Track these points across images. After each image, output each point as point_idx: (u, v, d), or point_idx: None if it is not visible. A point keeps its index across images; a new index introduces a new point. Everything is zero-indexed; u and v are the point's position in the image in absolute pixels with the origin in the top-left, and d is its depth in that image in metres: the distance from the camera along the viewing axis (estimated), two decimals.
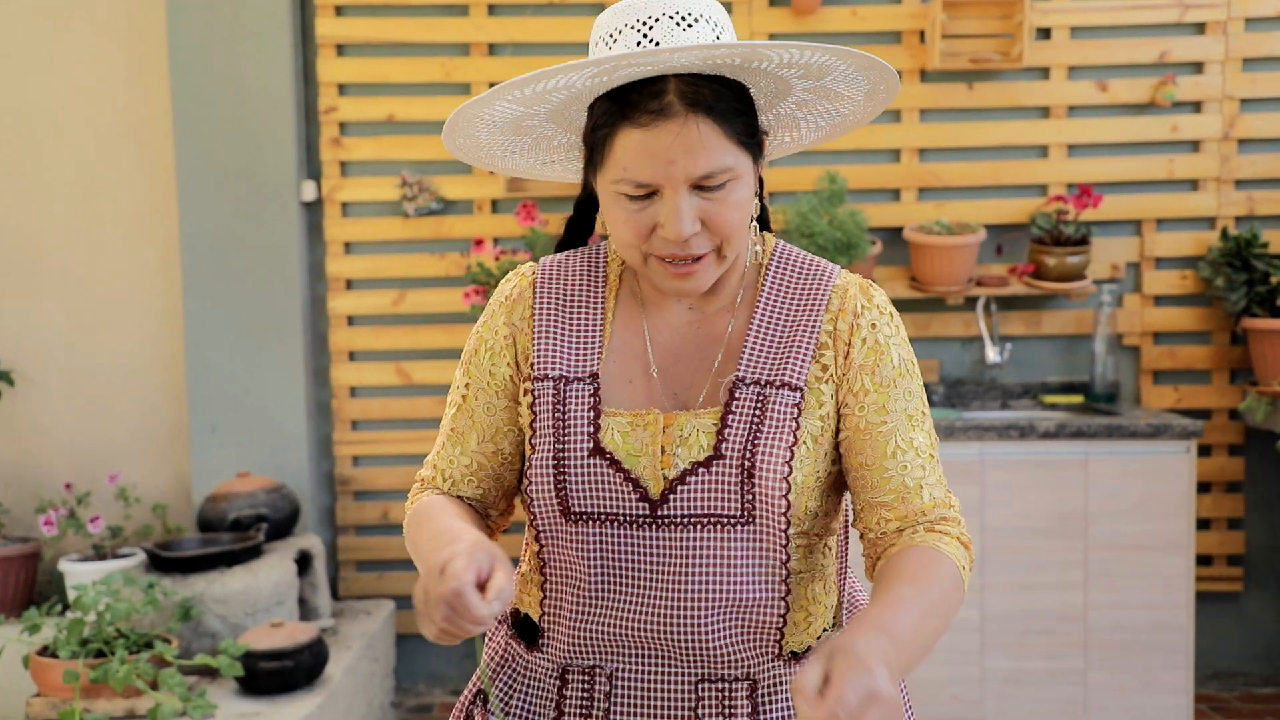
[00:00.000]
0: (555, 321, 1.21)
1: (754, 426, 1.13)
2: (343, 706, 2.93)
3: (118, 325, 3.68)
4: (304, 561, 3.25)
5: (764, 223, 1.28)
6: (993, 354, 3.54)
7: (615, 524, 1.14)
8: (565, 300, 1.23)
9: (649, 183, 1.09)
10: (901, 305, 3.63)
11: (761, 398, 1.14)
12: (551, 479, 1.14)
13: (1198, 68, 3.54)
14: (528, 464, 1.18)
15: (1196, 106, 3.55)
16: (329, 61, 3.57)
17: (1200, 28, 3.53)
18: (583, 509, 1.14)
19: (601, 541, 1.14)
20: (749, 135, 1.13)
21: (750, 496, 1.11)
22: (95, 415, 3.68)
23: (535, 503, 1.16)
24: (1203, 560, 3.62)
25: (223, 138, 3.49)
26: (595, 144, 1.14)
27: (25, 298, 3.67)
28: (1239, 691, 3.63)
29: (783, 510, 1.11)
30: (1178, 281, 3.61)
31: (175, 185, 3.53)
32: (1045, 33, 3.55)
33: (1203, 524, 3.62)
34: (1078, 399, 3.57)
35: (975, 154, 3.60)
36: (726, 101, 1.10)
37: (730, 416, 1.14)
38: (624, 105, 1.09)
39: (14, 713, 2.94)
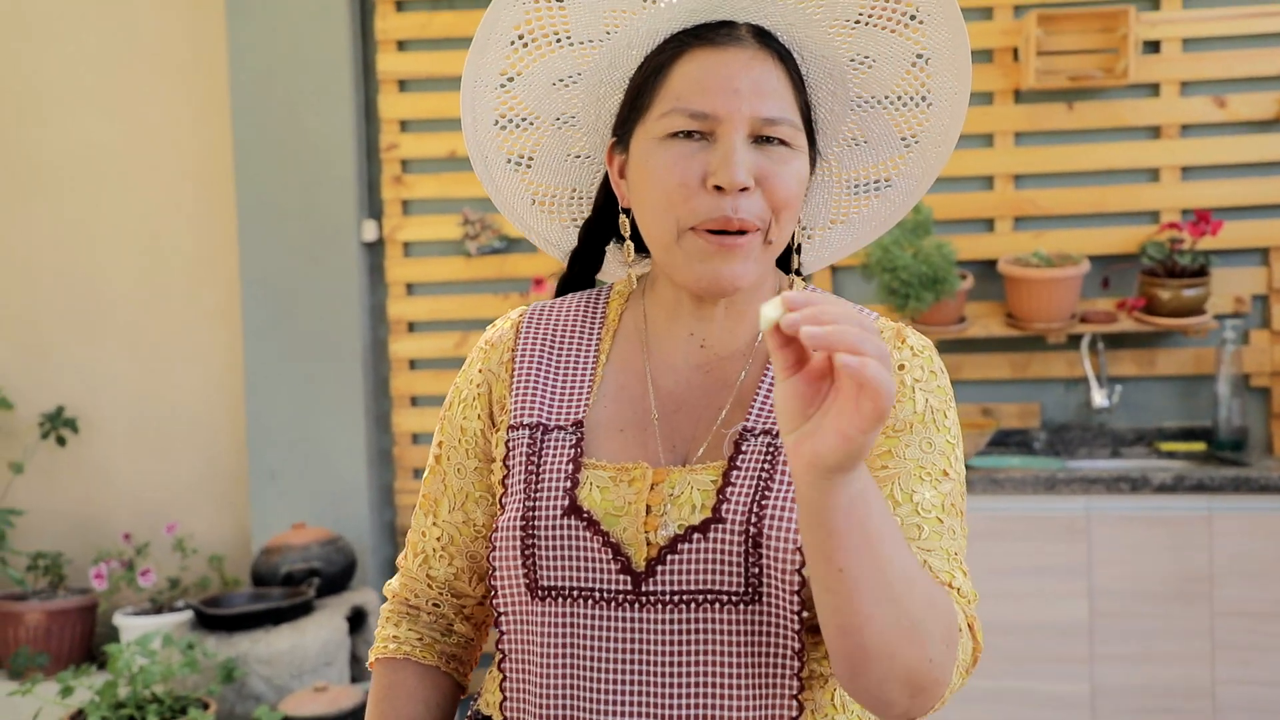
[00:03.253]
0: (539, 364, 1.04)
1: (761, 484, 0.93)
2: None
3: (181, 371, 3.62)
4: (358, 619, 3.11)
5: (791, 266, 1.10)
6: (1100, 397, 3.22)
7: (590, 602, 0.94)
8: (553, 341, 1.06)
9: (707, 113, 0.95)
10: (998, 344, 3.34)
11: (771, 450, 0.95)
12: (518, 544, 0.96)
13: None
14: (495, 528, 1.00)
15: None
16: (390, 97, 3.47)
17: None
18: (553, 582, 0.95)
19: (573, 626, 0.95)
20: (807, 115, 1.00)
21: (756, 569, 0.91)
22: (158, 463, 3.61)
23: (499, 574, 0.98)
24: None
25: (283, 178, 3.41)
26: (644, 84, 1.00)
27: (90, 344, 3.64)
28: None
29: (794, 587, 0.90)
30: None
31: (236, 229, 3.46)
32: (1154, 46, 3.25)
33: None
34: (1199, 446, 3.22)
35: (1077, 179, 3.31)
36: (793, 66, 1.01)
37: (734, 473, 0.94)
38: (691, 34, 0.99)
39: None
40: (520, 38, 1.03)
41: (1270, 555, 2.80)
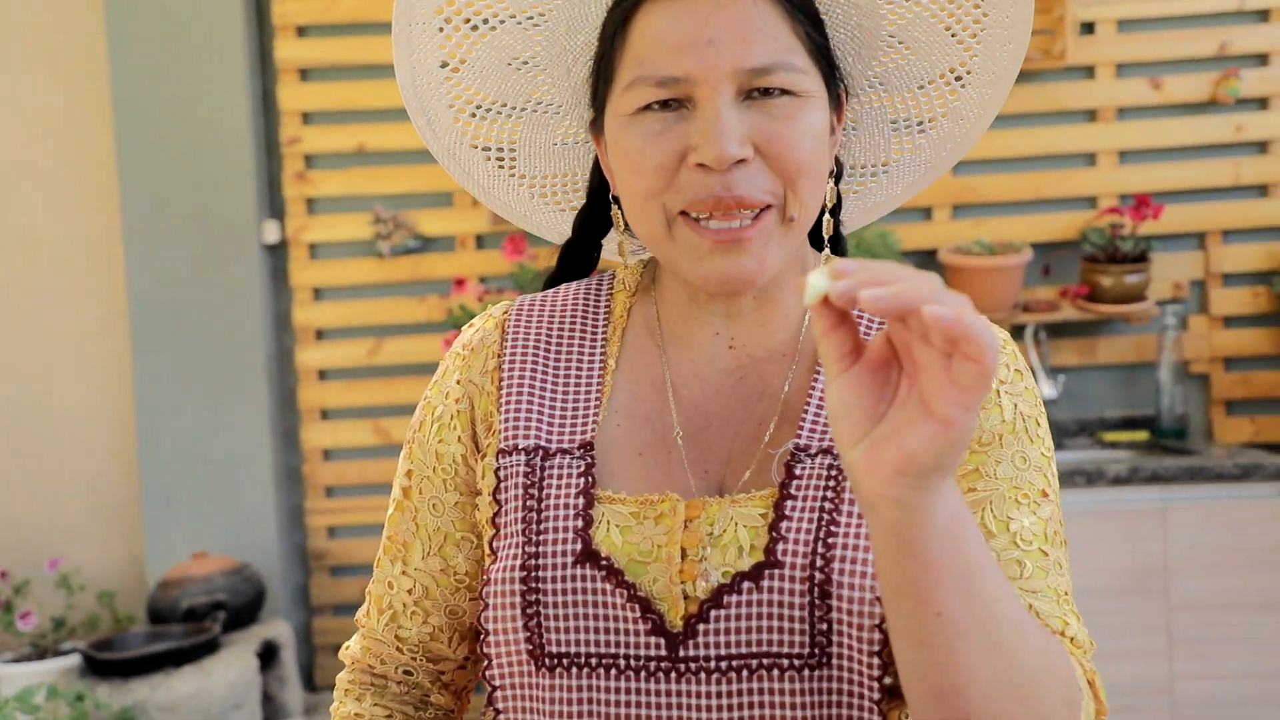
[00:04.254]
0: (534, 373, 0.84)
1: (825, 516, 0.75)
2: None
3: (61, 388, 3.30)
4: (269, 654, 2.85)
5: (837, 246, 0.89)
6: (1047, 388, 3.14)
7: (613, 673, 0.75)
8: (549, 343, 0.86)
9: (678, 76, 0.75)
10: None
11: (834, 474, 0.76)
12: (518, 601, 0.76)
13: (1262, 60, 3.16)
14: (485, 579, 0.79)
15: (1262, 103, 3.17)
16: (291, 88, 3.21)
17: (1263, 15, 3.15)
18: (563, 648, 0.76)
19: (591, 703, 0.75)
20: (822, 47, 0.79)
21: (824, 625, 0.73)
22: (36, 491, 3.28)
23: (493, 639, 0.78)
24: None
25: (173, 175, 3.13)
26: (605, 50, 0.81)
27: None
28: None
29: (874, 646, 0.72)
30: (1249, 300, 3.21)
31: (121, 231, 3.16)
32: (1089, 27, 3.17)
33: None
34: (1142, 435, 3.16)
35: (1015, 165, 3.22)
36: None
37: (789, 503, 0.75)
38: None
39: None
40: (451, 20, 0.85)
41: (1225, 546, 2.74)
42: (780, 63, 0.75)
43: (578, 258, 0.93)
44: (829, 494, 0.75)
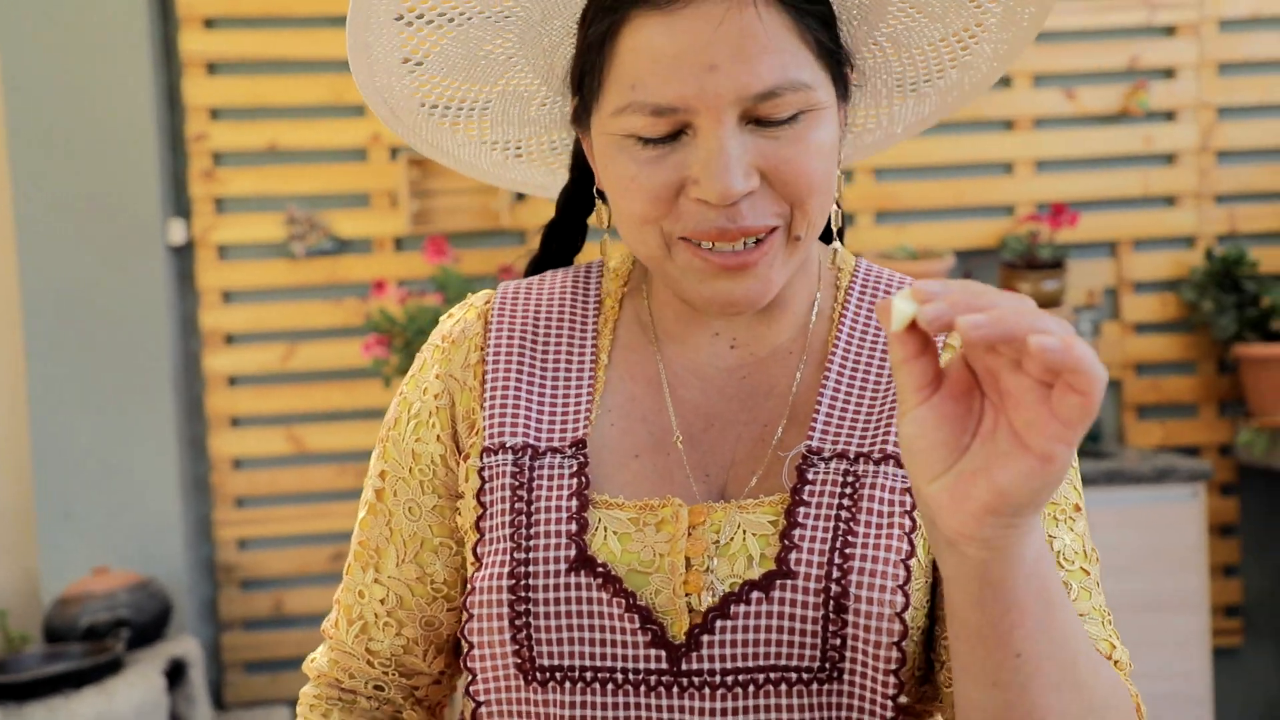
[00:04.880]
0: (519, 367, 0.79)
1: (842, 526, 0.71)
2: None
3: None
4: (176, 672, 2.71)
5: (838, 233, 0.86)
6: None
7: (610, 688, 0.70)
8: (535, 335, 0.81)
9: (674, 105, 0.68)
10: None
11: (852, 480, 0.72)
12: (505, 611, 0.71)
13: (1169, 74, 3.24)
14: (470, 588, 0.74)
15: (1169, 116, 3.26)
16: (198, 82, 3.08)
17: (1170, 30, 3.24)
18: (556, 661, 0.71)
19: (586, 717, 0.71)
20: (831, 47, 0.73)
21: (838, 640, 0.69)
22: None
23: (478, 653, 0.72)
24: None
25: (71, 173, 2.97)
26: (590, 59, 0.73)
27: None
28: None
29: (891, 665, 0.68)
30: (1158, 307, 3.29)
31: (14, 230, 2.99)
32: None
33: None
34: None
35: (936, 172, 3.25)
36: None
37: (801, 510, 0.72)
38: None
39: None
40: (419, 15, 0.77)
41: (1142, 547, 2.79)
42: (788, 82, 0.69)
43: (562, 239, 0.88)
44: (845, 501, 0.72)
